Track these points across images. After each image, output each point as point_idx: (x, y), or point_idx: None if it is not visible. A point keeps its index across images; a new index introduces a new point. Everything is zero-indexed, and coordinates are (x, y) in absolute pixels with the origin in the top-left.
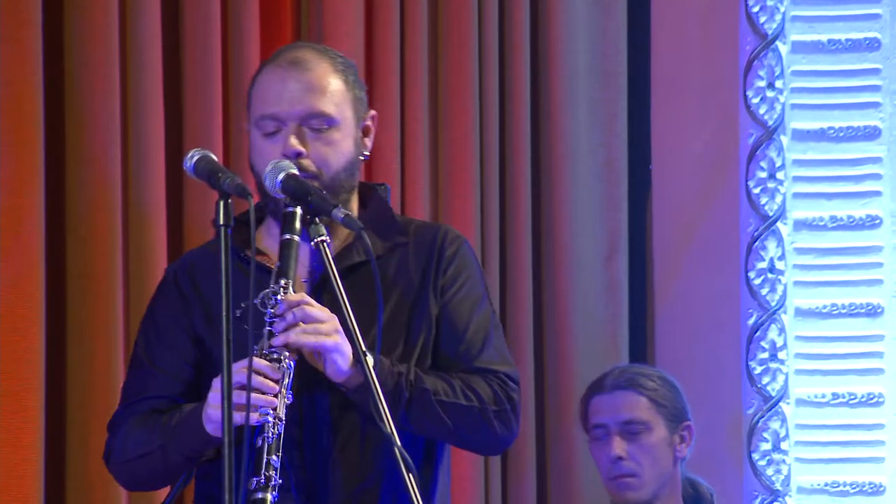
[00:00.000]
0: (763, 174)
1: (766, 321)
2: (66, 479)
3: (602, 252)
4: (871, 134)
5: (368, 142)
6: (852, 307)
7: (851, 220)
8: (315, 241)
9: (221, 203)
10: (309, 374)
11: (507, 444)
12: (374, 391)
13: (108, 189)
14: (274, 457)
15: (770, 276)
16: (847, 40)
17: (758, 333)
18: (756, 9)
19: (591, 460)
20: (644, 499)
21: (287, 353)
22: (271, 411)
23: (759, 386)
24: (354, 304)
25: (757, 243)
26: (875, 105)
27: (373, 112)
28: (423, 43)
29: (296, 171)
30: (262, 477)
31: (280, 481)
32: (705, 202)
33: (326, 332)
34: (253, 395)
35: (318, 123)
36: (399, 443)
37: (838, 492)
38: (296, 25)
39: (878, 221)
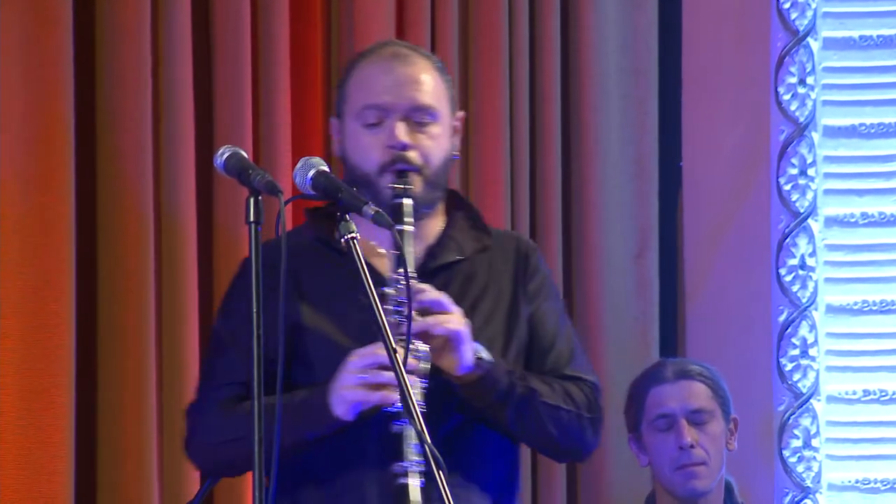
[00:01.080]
0: (794, 171)
1: (796, 318)
2: (96, 476)
3: (632, 249)
4: None
5: (457, 142)
6: (883, 304)
7: (882, 216)
8: (345, 237)
9: (251, 200)
10: None
11: (591, 452)
12: (403, 382)
13: (139, 186)
14: (417, 443)
15: (801, 272)
16: (878, 36)
17: (788, 330)
18: (787, 5)
19: (622, 457)
20: (707, 489)
21: (421, 341)
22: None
23: (789, 383)
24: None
25: (788, 240)
26: None
27: (461, 113)
28: (453, 43)
29: (326, 168)
30: (410, 462)
31: (424, 468)
32: (736, 199)
33: (459, 322)
34: (391, 378)
35: (420, 116)
36: (430, 440)
37: (869, 489)
38: (326, 25)
39: None
